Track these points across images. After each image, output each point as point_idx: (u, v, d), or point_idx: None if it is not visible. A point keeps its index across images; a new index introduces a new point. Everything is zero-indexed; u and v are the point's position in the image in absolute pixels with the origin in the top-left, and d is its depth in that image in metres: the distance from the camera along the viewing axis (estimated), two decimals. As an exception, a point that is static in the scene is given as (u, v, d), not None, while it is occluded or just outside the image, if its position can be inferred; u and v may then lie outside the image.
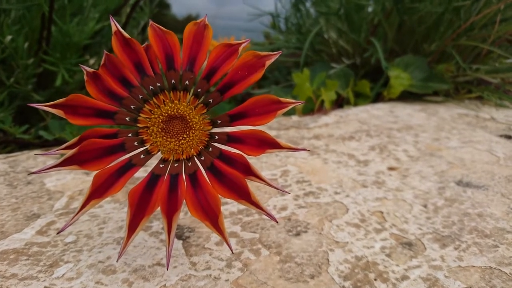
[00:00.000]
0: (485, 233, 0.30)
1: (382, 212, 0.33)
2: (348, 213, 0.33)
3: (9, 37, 0.49)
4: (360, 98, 0.80)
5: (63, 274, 0.24)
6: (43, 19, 0.54)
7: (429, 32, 0.82)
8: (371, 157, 0.46)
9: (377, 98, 0.82)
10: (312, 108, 0.68)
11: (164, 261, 0.25)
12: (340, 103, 0.77)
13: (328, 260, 0.26)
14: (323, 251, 0.27)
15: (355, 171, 0.41)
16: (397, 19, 0.82)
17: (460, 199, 0.36)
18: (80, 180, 0.37)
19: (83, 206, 0.21)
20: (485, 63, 0.84)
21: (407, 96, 0.80)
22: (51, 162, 0.42)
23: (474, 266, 0.26)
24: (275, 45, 1.08)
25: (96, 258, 0.25)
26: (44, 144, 0.51)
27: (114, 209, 0.32)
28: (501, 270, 0.26)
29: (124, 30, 0.23)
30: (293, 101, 0.22)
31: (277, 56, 0.22)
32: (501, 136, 0.56)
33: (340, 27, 0.86)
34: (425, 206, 0.34)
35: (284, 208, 0.33)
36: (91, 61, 0.60)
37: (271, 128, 0.56)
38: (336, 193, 0.36)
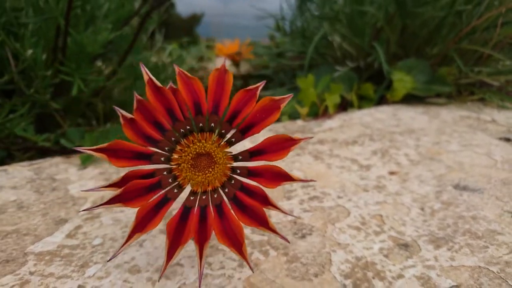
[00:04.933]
0: (477, 234, 0.33)
1: (381, 216, 0.35)
2: (350, 216, 0.35)
3: (29, 51, 0.52)
4: (364, 101, 0.82)
5: (94, 274, 0.27)
6: (57, 31, 0.57)
7: (431, 36, 0.83)
8: (373, 162, 0.48)
9: (381, 100, 0.84)
10: (317, 112, 0.71)
11: (183, 261, 0.28)
12: (344, 105, 0.80)
13: (330, 260, 0.29)
14: (326, 252, 0.30)
15: (357, 176, 0.44)
16: (400, 23, 0.84)
17: (456, 202, 0.38)
18: (100, 186, 0.40)
19: (128, 238, 0.24)
20: (487, 65, 0.85)
21: (410, 99, 0.82)
22: (73, 169, 0.45)
23: (464, 266, 0.29)
24: (281, 49, 1.11)
25: (122, 259, 0.28)
26: (63, 151, 0.54)
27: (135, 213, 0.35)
28: (489, 269, 0.28)
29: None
30: (303, 138, 0.25)
31: (289, 99, 0.25)
32: (500, 139, 0.58)
33: (343, 32, 0.88)
34: (422, 209, 0.37)
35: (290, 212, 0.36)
36: (106, 71, 0.63)
37: (277, 133, 0.58)
38: (339, 197, 0.39)
